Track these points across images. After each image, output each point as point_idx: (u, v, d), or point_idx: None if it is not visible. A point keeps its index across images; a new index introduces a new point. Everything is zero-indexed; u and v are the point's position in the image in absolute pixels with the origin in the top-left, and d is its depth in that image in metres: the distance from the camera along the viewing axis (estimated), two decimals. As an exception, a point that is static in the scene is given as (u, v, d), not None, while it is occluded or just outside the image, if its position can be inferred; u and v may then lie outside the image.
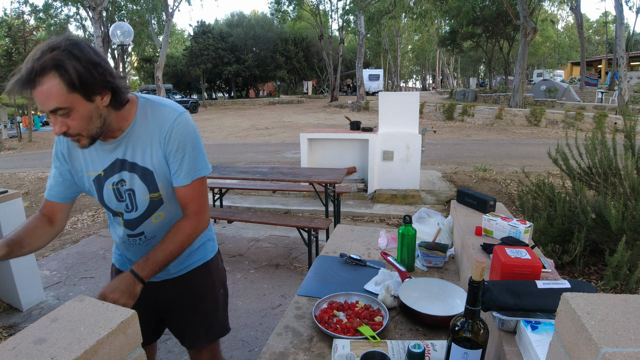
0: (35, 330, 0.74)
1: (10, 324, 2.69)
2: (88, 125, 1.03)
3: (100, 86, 1.00)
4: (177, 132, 1.15)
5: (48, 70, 0.92)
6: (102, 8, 18.22)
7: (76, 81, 0.94)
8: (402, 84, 51.52)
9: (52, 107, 0.95)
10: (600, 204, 2.75)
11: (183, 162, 1.16)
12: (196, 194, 1.21)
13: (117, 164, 1.18)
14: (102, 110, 1.04)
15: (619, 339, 0.54)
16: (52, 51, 0.93)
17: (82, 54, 0.96)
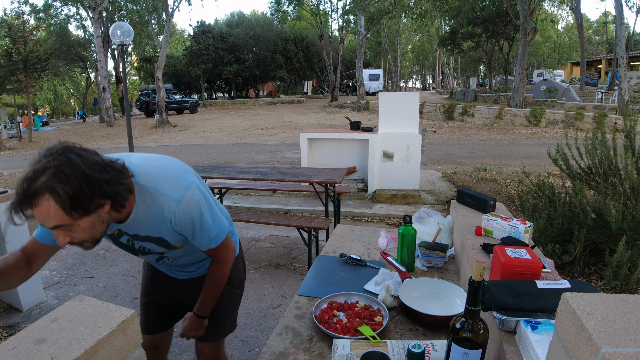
0: (35, 330, 0.74)
1: (10, 324, 2.69)
2: (91, 233, 1.02)
3: (98, 199, 0.97)
4: (180, 220, 1.14)
5: (41, 194, 0.91)
6: (102, 8, 18.25)
7: (71, 204, 0.93)
8: (402, 84, 51.52)
9: (52, 225, 0.95)
10: (600, 204, 2.75)
11: (195, 236, 1.20)
12: (218, 252, 1.28)
13: (124, 234, 1.21)
14: (104, 216, 1.03)
15: (619, 339, 0.54)
16: (43, 173, 0.90)
17: (74, 171, 0.92)
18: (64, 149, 0.96)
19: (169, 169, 1.17)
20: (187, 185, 1.14)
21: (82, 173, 0.93)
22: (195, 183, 1.17)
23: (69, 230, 0.98)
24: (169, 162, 1.20)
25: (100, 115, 23.02)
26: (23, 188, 0.91)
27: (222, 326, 1.53)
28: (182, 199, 1.12)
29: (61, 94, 40.77)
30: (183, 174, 1.17)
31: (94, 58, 24.34)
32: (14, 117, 19.35)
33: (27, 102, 17.15)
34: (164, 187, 1.12)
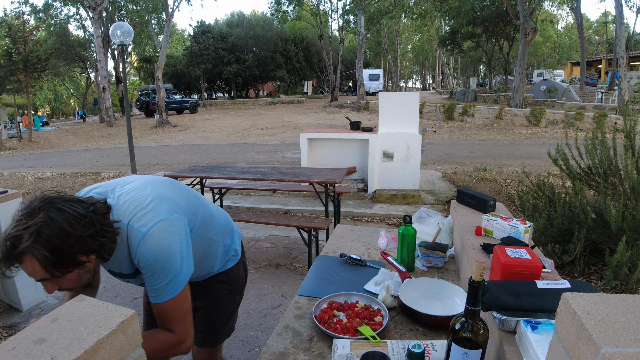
0: (35, 330, 0.73)
1: (10, 324, 2.69)
2: (78, 282, 1.03)
3: (81, 255, 0.96)
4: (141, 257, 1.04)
5: (24, 256, 0.91)
6: (102, 8, 18.25)
7: (53, 263, 0.92)
8: (402, 84, 51.50)
9: (38, 279, 0.96)
10: (600, 204, 2.75)
11: (150, 281, 1.06)
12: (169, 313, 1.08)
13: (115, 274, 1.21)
14: (90, 266, 1.02)
15: (619, 339, 0.54)
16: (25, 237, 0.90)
17: (55, 231, 0.90)
18: (45, 204, 0.94)
19: (145, 200, 1.08)
20: (160, 219, 1.04)
21: (64, 232, 0.91)
22: (170, 220, 1.06)
23: (55, 282, 0.99)
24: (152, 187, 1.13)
25: (100, 115, 23.02)
26: (7, 248, 0.91)
27: (220, 333, 1.52)
28: (147, 234, 1.02)
29: (61, 94, 40.76)
30: (162, 208, 1.08)
31: (94, 58, 24.34)
32: (14, 117, 19.35)
33: (27, 102, 17.15)
34: (134, 220, 1.04)
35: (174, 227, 1.07)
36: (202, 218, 1.26)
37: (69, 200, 0.98)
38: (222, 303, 1.49)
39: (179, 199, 1.17)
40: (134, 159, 7.43)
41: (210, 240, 1.33)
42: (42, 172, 8.22)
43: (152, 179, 1.21)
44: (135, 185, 1.14)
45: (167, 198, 1.13)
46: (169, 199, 1.13)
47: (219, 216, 1.40)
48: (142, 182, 1.17)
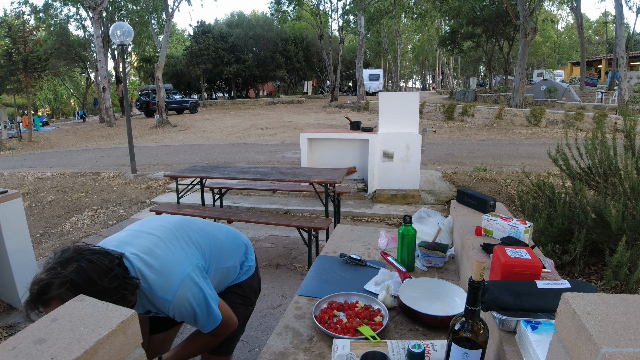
0: (35, 330, 0.73)
1: (10, 324, 2.69)
2: None
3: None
4: (175, 315, 1.20)
5: (53, 301, 0.97)
6: (102, 8, 18.25)
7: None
8: (402, 84, 51.50)
9: None
10: (600, 204, 2.75)
11: (191, 323, 1.25)
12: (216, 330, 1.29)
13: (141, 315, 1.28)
14: None
15: (619, 339, 0.54)
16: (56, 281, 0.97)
17: (86, 283, 0.99)
18: (77, 255, 1.02)
19: (163, 264, 1.18)
20: (180, 282, 1.17)
21: (92, 284, 1.00)
22: (189, 276, 1.19)
23: None
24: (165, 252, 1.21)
25: (100, 115, 23.02)
26: (37, 291, 0.97)
27: (232, 342, 1.55)
28: (173, 299, 1.16)
29: (61, 94, 40.77)
30: (177, 268, 1.19)
31: (94, 58, 24.34)
32: (14, 117, 19.36)
33: (27, 102, 17.15)
34: (157, 288, 1.16)
35: (192, 281, 1.20)
36: (213, 253, 1.36)
37: (98, 252, 1.06)
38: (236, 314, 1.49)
39: (188, 249, 1.26)
40: (134, 159, 7.42)
41: (226, 269, 1.44)
42: (42, 172, 8.22)
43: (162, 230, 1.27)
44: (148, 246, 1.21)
45: (180, 255, 1.23)
46: (182, 254, 1.23)
47: (228, 242, 1.47)
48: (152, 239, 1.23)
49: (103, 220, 5.05)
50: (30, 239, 2.90)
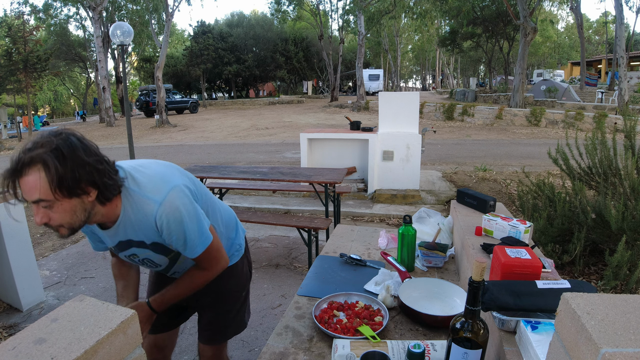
0: (35, 330, 0.73)
1: (10, 324, 2.69)
2: (70, 219, 1.03)
3: (85, 185, 0.99)
4: (163, 224, 1.12)
5: (34, 164, 0.93)
6: (102, 8, 18.24)
7: (59, 181, 0.94)
8: (402, 84, 51.50)
9: (35, 199, 0.96)
10: (600, 204, 2.75)
11: (180, 243, 1.16)
12: (203, 258, 1.23)
13: (122, 244, 1.22)
14: (87, 205, 1.04)
15: (619, 339, 0.54)
16: (42, 146, 0.94)
17: (72, 153, 0.96)
18: (67, 132, 1.00)
19: (154, 172, 1.16)
20: (170, 188, 1.12)
21: (78, 157, 0.97)
22: (180, 186, 1.14)
23: (50, 208, 0.99)
24: (157, 166, 1.20)
25: (100, 115, 23.02)
26: (18, 156, 0.95)
27: (226, 329, 1.53)
28: (163, 203, 1.10)
29: (61, 94, 40.76)
30: (169, 177, 1.15)
31: (94, 58, 24.33)
32: (14, 117, 19.37)
33: (27, 102, 17.17)
34: (147, 190, 1.11)
35: (183, 192, 1.14)
36: (206, 201, 1.31)
37: (89, 140, 1.05)
38: (227, 300, 1.49)
39: (185, 176, 1.24)
40: (134, 158, 7.43)
41: (218, 230, 1.37)
42: (42, 172, 8.20)
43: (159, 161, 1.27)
44: (139, 162, 1.22)
45: (176, 171, 1.22)
46: (178, 172, 1.22)
47: (223, 208, 1.45)
48: (142, 160, 1.25)
49: (103, 220, 5.04)
50: (30, 239, 2.90)
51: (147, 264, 1.31)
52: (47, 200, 0.96)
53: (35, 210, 0.99)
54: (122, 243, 1.21)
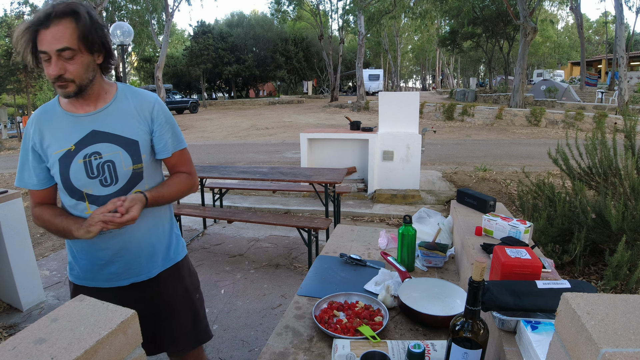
0: (35, 330, 0.73)
1: (10, 324, 2.69)
2: (83, 73, 1.12)
3: (99, 44, 1.13)
4: (161, 109, 1.28)
5: (67, 14, 1.04)
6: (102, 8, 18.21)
7: (85, 33, 1.06)
8: (402, 84, 51.50)
9: (62, 47, 1.04)
10: (600, 204, 2.75)
11: (170, 134, 1.30)
12: (185, 159, 1.37)
13: (93, 135, 1.19)
14: (95, 65, 1.16)
15: (619, 339, 0.54)
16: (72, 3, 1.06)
17: (95, 15, 1.12)
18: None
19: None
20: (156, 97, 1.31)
21: (98, 20, 1.12)
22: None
23: (70, 59, 1.07)
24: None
25: (100, 115, 22.95)
26: (48, 9, 1.04)
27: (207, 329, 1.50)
28: (157, 99, 1.29)
29: (61, 94, 40.72)
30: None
31: (94, 58, 24.27)
32: (14, 117, 19.37)
33: (27, 102, 17.16)
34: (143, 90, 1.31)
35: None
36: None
37: None
38: (181, 300, 1.40)
39: None
40: (134, 159, 7.40)
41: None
42: (42, 172, 8.21)
43: None
44: None
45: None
46: None
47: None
48: None
49: (103, 220, 5.04)
50: (30, 239, 2.90)
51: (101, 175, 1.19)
52: (72, 49, 1.05)
53: (54, 62, 1.06)
54: (92, 134, 1.18)
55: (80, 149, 1.18)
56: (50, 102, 1.25)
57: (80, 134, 1.19)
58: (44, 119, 1.20)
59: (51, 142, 1.19)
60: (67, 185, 1.20)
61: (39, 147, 1.20)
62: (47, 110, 1.22)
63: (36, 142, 1.20)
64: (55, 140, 1.19)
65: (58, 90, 1.13)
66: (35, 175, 1.22)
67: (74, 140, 1.18)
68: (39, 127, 1.20)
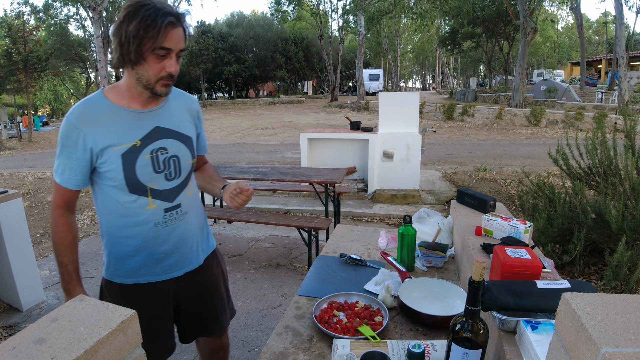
0: (35, 330, 0.73)
1: (10, 324, 2.69)
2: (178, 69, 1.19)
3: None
4: (200, 110, 1.39)
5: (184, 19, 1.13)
6: (102, 8, 18.22)
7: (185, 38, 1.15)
8: (402, 84, 51.50)
9: (183, 47, 1.14)
10: (600, 204, 2.75)
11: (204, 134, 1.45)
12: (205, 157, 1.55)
13: (157, 131, 1.22)
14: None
15: (619, 339, 0.54)
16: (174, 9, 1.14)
17: None
18: None
19: None
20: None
21: None
22: None
23: (178, 60, 1.16)
24: None
25: (100, 115, 22.94)
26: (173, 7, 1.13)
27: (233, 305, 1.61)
28: (197, 100, 1.40)
29: (61, 94, 40.70)
30: None
31: (94, 58, 24.34)
32: (14, 117, 19.36)
33: (27, 102, 17.15)
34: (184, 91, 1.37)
35: None
36: None
37: None
38: (220, 283, 1.51)
39: None
40: (134, 159, 7.40)
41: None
42: (42, 172, 8.21)
43: None
44: None
45: None
46: None
47: None
48: None
49: (103, 220, 5.04)
50: (30, 239, 2.90)
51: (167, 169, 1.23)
52: (184, 50, 1.15)
53: (175, 60, 1.14)
54: (156, 130, 1.22)
55: (146, 144, 1.19)
56: (92, 97, 1.19)
57: (145, 130, 1.20)
58: (92, 114, 1.16)
59: (108, 137, 1.15)
60: (131, 180, 1.18)
61: (92, 143, 1.15)
62: (94, 106, 1.17)
63: (87, 138, 1.14)
64: (114, 135, 1.16)
65: (161, 88, 1.16)
66: (81, 173, 1.19)
67: (139, 136, 1.18)
68: (87, 122, 1.15)
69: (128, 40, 1.06)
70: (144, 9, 1.06)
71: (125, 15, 1.07)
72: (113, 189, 1.20)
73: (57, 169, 1.19)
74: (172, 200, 1.27)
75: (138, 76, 1.13)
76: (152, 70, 1.11)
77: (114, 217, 1.24)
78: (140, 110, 1.20)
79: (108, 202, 1.23)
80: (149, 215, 1.23)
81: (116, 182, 1.18)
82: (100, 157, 1.16)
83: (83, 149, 1.15)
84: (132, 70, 1.13)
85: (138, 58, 1.09)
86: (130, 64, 1.11)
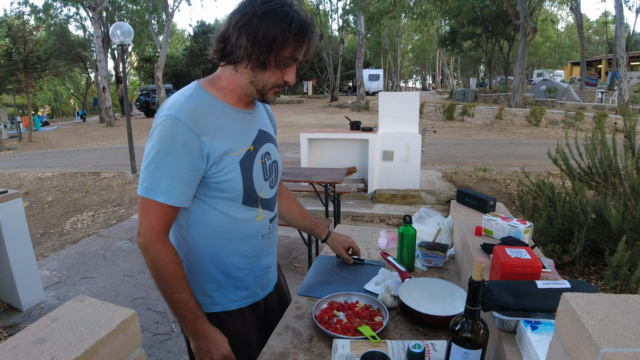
0: (35, 330, 0.74)
1: (10, 324, 2.69)
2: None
3: None
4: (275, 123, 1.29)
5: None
6: (102, 8, 18.24)
7: None
8: (402, 84, 51.51)
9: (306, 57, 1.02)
10: (600, 204, 2.75)
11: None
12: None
13: (261, 134, 1.11)
14: None
15: (619, 339, 0.54)
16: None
17: None
18: None
19: None
20: None
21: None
22: None
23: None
24: None
25: (100, 115, 23.02)
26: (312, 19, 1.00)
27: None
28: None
29: (61, 94, 40.75)
30: None
31: (94, 58, 24.35)
32: (14, 117, 19.36)
33: (27, 102, 17.16)
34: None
35: None
36: None
37: None
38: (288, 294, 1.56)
39: None
40: (134, 159, 7.42)
41: None
42: (42, 172, 8.21)
43: None
44: None
45: None
46: None
47: None
48: None
49: (103, 220, 5.05)
50: (30, 239, 2.90)
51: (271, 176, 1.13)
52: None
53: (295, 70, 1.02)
54: (261, 133, 1.10)
55: (257, 150, 1.07)
56: (195, 93, 1.01)
57: (253, 133, 1.08)
58: (205, 114, 0.98)
59: (225, 142, 0.99)
60: (249, 191, 1.04)
61: (209, 148, 0.96)
62: (203, 103, 0.99)
63: (205, 142, 0.95)
64: (229, 139, 1.01)
65: (272, 95, 1.03)
66: (193, 187, 0.98)
67: (250, 140, 1.06)
68: (202, 122, 0.96)
69: (269, 42, 0.92)
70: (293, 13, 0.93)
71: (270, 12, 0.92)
72: (222, 202, 1.03)
73: (158, 185, 0.94)
74: (273, 209, 1.17)
75: (255, 79, 0.99)
76: (274, 77, 0.98)
77: (217, 234, 1.05)
78: (246, 111, 1.07)
79: (211, 217, 1.04)
80: (258, 228, 1.11)
81: (232, 193, 1.02)
82: (216, 165, 0.98)
83: (199, 155, 0.95)
84: (250, 72, 0.98)
85: (269, 63, 0.95)
86: (251, 65, 0.96)
